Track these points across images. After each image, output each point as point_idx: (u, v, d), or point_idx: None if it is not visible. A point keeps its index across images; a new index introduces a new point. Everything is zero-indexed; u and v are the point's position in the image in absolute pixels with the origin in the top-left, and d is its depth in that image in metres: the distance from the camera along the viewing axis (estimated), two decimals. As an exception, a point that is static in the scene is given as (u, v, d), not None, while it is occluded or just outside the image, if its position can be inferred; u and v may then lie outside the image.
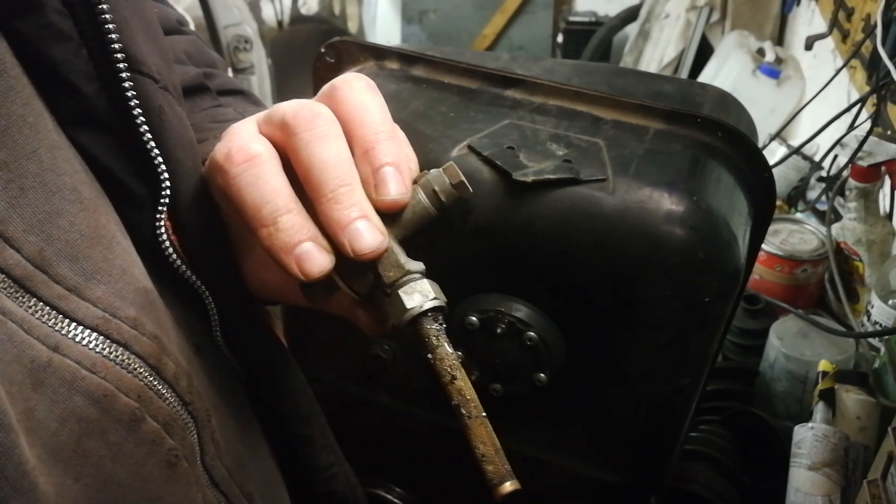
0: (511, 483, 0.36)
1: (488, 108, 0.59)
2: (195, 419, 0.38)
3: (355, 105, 0.40)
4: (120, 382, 0.33)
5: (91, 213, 0.35)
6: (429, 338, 0.38)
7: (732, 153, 0.56)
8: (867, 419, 0.80)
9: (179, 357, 0.38)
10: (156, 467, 0.35)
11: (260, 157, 0.38)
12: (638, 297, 0.52)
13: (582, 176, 0.51)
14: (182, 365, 0.38)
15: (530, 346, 0.55)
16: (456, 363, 0.38)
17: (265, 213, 0.37)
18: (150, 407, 0.35)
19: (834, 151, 1.23)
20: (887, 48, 1.12)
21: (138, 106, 0.37)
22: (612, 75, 0.67)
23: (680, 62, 2.45)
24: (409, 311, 0.38)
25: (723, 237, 0.51)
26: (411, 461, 0.71)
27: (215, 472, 0.41)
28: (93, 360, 0.32)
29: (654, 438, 0.61)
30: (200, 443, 0.39)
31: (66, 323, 0.32)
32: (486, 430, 0.37)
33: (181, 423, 0.37)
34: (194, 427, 0.38)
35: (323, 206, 0.38)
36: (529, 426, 0.63)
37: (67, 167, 0.35)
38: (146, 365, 0.35)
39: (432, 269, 0.57)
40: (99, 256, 0.35)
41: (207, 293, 0.43)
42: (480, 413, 0.37)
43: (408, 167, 0.40)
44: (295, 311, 0.68)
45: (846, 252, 1.13)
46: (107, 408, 0.33)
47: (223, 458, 0.42)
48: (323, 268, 0.38)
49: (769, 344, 1.01)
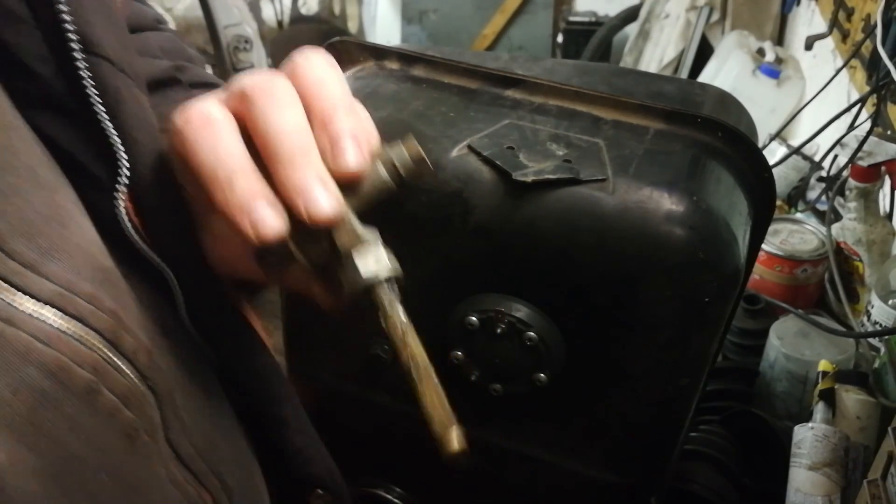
0: (458, 443, 0.37)
1: (488, 109, 0.59)
2: (156, 394, 0.38)
3: (314, 79, 0.40)
4: (75, 355, 0.33)
5: (48, 193, 0.35)
6: (382, 305, 0.39)
7: (732, 153, 0.56)
8: (867, 419, 0.80)
9: (139, 333, 0.38)
10: (114, 439, 0.35)
11: (218, 122, 0.38)
12: (638, 297, 0.52)
13: (582, 176, 0.51)
14: (142, 340, 0.38)
15: (530, 346, 0.55)
16: (408, 330, 0.39)
17: (221, 174, 0.37)
18: (107, 380, 0.35)
19: (834, 151, 1.23)
20: (887, 48, 1.12)
21: (94, 87, 0.38)
22: (612, 75, 0.67)
23: (680, 62, 2.45)
24: (364, 279, 0.39)
25: (723, 237, 0.51)
26: (411, 461, 0.71)
27: (181, 448, 0.41)
28: (47, 334, 0.32)
29: (654, 438, 0.61)
30: (163, 418, 0.39)
31: (20, 297, 0.32)
32: (436, 393, 0.38)
33: (140, 397, 0.37)
34: (155, 402, 0.38)
35: (279, 171, 0.37)
36: (529, 426, 0.63)
37: (23, 147, 0.35)
38: (103, 339, 0.35)
39: (432, 269, 0.57)
40: (55, 234, 0.35)
41: (171, 274, 0.43)
42: (431, 377, 0.38)
43: (367, 140, 0.40)
44: (294, 311, 0.68)
45: (846, 252, 1.13)
46: (62, 380, 0.33)
47: (190, 437, 0.42)
48: (277, 231, 0.37)
49: (769, 344, 1.01)
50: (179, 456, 0.41)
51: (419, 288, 0.58)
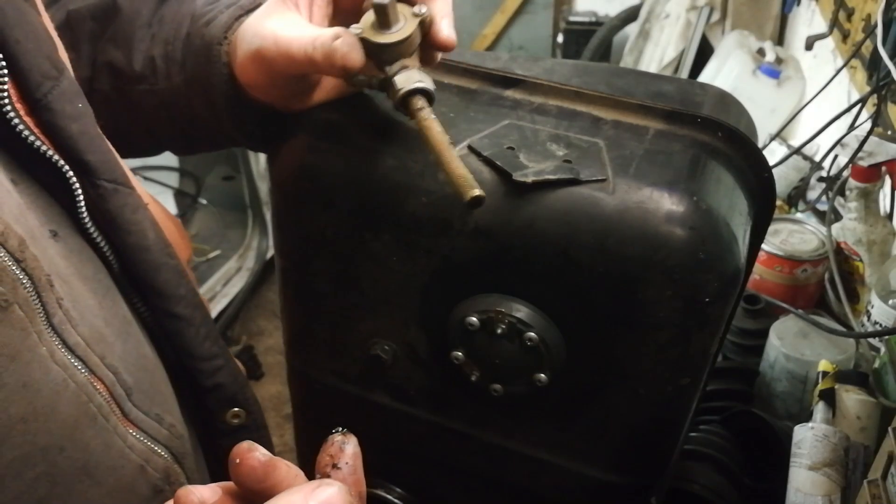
0: (477, 190, 0.46)
1: (488, 109, 0.59)
2: (31, 278, 0.41)
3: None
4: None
5: None
6: (413, 107, 0.50)
7: (733, 153, 0.56)
8: (867, 419, 0.80)
9: (13, 224, 0.40)
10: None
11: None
12: (638, 297, 0.52)
13: (582, 176, 0.51)
14: (13, 229, 0.40)
15: (530, 347, 0.55)
16: (432, 121, 0.49)
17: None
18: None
19: (834, 151, 1.23)
20: (887, 48, 1.12)
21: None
22: (612, 75, 0.67)
23: (680, 62, 2.45)
24: (399, 90, 0.50)
25: (723, 237, 0.51)
26: (411, 461, 0.71)
27: (67, 336, 0.43)
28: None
29: (655, 438, 0.61)
30: (43, 303, 0.42)
31: None
32: (455, 160, 0.48)
33: (11, 275, 0.39)
34: (31, 286, 0.41)
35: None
36: (529, 426, 0.63)
37: None
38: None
39: (433, 269, 0.57)
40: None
41: (69, 170, 0.47)
42: (451, 149, 0.48)
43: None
44: (294, 311, 0.68)
45: (846, 252, 1.13)
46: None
47: (77, 327, 0.44)
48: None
49: (769, 344, 1.01)
50: (66, 342, 0.43)
51: (420, 288, 0.59)
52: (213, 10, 0.59)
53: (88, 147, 0.48)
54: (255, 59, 0.54)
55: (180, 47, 0.60)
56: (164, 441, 0.50)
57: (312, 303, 0.65)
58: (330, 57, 0.49)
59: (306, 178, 0.58)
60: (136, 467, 0.48)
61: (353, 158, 0.57)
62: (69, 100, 0.47)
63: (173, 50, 0.60)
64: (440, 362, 0.61)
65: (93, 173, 0.48)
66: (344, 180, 0.57)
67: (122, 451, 0.47)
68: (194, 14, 0.60)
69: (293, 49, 0.51)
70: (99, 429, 0.45)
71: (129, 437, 0.47)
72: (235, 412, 0.57)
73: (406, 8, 0.51)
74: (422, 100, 0.50)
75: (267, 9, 0.55)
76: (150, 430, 0.49)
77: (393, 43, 0.50)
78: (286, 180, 0.60)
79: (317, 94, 0.58)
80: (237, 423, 0.57)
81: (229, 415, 0.57)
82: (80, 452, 0.43)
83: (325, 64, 0.50)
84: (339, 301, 0.63)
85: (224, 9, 0.59)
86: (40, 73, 0.45)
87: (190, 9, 0.61)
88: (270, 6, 0.55)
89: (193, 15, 0.60)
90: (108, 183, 0.49)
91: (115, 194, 0.49)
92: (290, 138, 0.59)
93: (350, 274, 0.61)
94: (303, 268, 0.64)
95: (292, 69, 0.53)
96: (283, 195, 0.61)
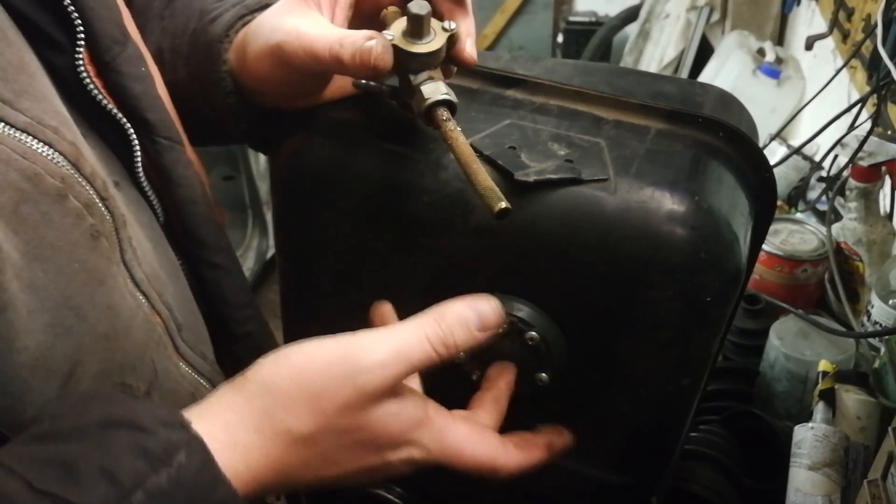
0: (504, 202, 0.46)
1: (489, 108, 0.59)
2: (112, 215, 0.45)
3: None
4: (46, 167, 0.41)
5: (16, 51, 0.43)
6: (437, 118, 0.51)
7: (733, 153, 0.56)
8: (867, 419, 0.80)
9: (96, 166, 0.45)
10: (80, 237, 0.42)
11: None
12: (639, 296, 0.52)
13: (583, 176, 0.51)
14: (98, 171, 0.45)
15: (531, 346, 0.55)
16: (457, 132, 0.50)
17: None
18: (73, 189, 0.42)
19: (834, 151, 1.23)
20: (888, 48, 1.12)
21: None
22: (613, 75, 0.67)
23: (680, 62, 2.45)
24: (427, 100, 0.51)
25: (724, 237, 0.51)
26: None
27: (135, 272, 0.47)
28: (24, 150, 0.40)
29: (655, 438, 0.61)
30: (119, 239, 0.46)
31: (1, 125, 0.40)
32: (481, 172, 0.48)
33: (99, 210, 0.44)
34: (112, 222, 0.45)
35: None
36: (530, 426, 0.63)
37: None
38: (67, 161, 0.42)
39: (434, 269, 0.57)
40: (25, 82, 0.42)
41: (130, 128, 0.51)
42: (477, 162, 0.49)
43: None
44: (294, 311, 0.68)
45: (846, 252, 1.13)
46: (37, 184, 0.40)
47: (142, 266, 0.48)
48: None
49: (769, 344, 1.01)
50: (133, 277, 0.47)
51: (421, 288, 0.59)
52: (220, 8, 0.60)
53: (150, 106, 0.52)
54: (274, 54, 0.55)
55: (186, 42, 0.61)
56: (208, 375, 0.55)
57: (313, 302, 0.65)
58: (363, 56, 0.51)
59: (308, 177, 0.58)
60: (188, 394, 0.52)
61: (355, 157, 0.57)
62: (134, 63, 0.51)
63: (180, 44, 0.61)
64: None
65: (152, 130, 0.52)
66: (345, 179, 0.57)
67: (177, 378, 0.51)
68: (203, 10, 0.61)
69: (317, 46, 0.52)
70: (161, 355, 0.50)
71: (181, 367, 0.52)
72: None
73: (436, 22, 0.52)
74: (447, 111, 0.51)
75: (287, 6, 0.56)
76: (196, 364, 0.54)
77: (424, 53, 0.51)
78: (288, 179, 0.60)
79: (324, 93, 0.59)
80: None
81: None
82: (148, 373, 0.48)
83: (354, 63, 0.51)
84: (340, 300, 0.63)
85: (230, 7, 0.60)
86: (110, 39, 0.50)
87: (200, 4, 0.62)
88: (290, 3, 0.55)
89: (202, 10, 0.61)
90: (165, 140, 0.53)
91: (170, 150, 0.53)
92: (291, 136, 0.59)
93: (351, 273, 0.61)
94: (304, 267, 0.64)
95: (313, 66, 0.53)
96: (285, 194, 0.61)
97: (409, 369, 0.46)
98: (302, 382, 0.44)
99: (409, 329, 0.47)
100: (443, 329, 0.47)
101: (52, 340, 0.41)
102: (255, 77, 0.57)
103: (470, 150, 0.49)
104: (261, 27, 0.57)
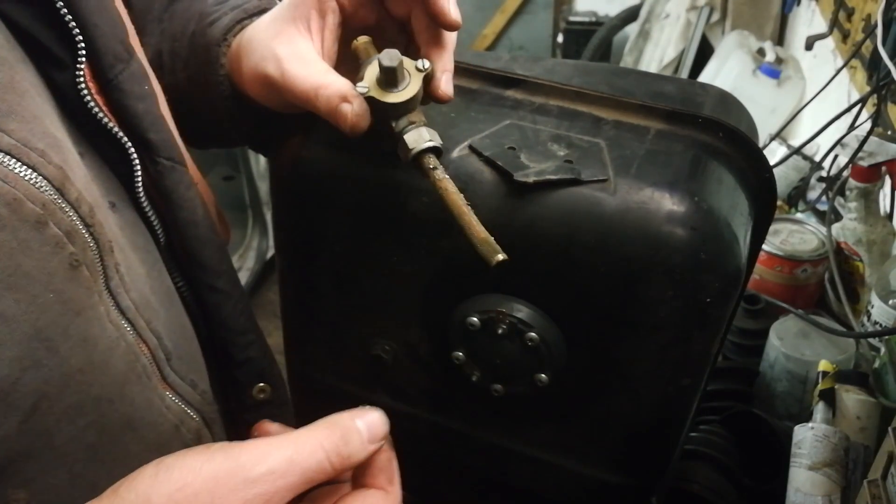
0: (501, 254, 0.47)
1: (489, 109, 0.59)
2: (97, 243, 0.44)
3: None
4: (27, 192, 0.39)
5: (7, 69, 0.41)
6: (425, 166, 0.50)
7: (733, 153, 0.56)
8: (867, 419, 0.80)
9: (83, 192, 0.43)
10: (58, 265, 0.41)
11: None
12: (639, 297, 0.52)
13: (583, 176, 0.51)
14: (84, 197, 0.43)
15: (531, 347, 0.55)
16: (447, 181, 0.49)
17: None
18: (54, 216, 0.41)
19: (834, 151, 1.23)
20: (888, 48, 1.12)
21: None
22: (613, 75, 0.67)
23: (680, 62, 2.45)
24: (411, 149, 0.50)
25: (724, 237, 0.51)
26: (411, 461, 0.71)
27: (121, 298, 0.46)
28: (5, 174, 0.38)
29: (655, 438, 0.61)
30: (104, 267, 0.44)
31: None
32: (474, 222, 0.48)
33: (82, 238, 0.42)
34: (96, 249, 0.44)
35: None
36: (530, 426, 0.63)
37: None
38: (51, 186, 0.41)
39: (434, 269, 0.57)
40: (14, 101, 0.41)
41: (131, 147, 0.50)
42: (469, 212, 0.49)
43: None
44: (294, 311, 0.68)
45: (846, 252, 1.13)
46: (16, 210, 0.38)
47: (129, 292, 0.47)
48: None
49: (769, 344, 1.01)
50: (119, 305, 0.46)
51: (421, 289, 0.59)
52: (219, 11, 0.60)
53: (151, 126, 0.51)
54: (264, 83, 0.55)
55: (186, 44, 0.61)
56: (196, 405, 0.53)
57: (313, 302, 0.65)
58: (337, 119, 0.51)
59: (308, 178, 0.58)
60: (171, 426, 0.50)
61: (355, 158, 0.57)
62: (137, 81, 0.50)
63: (179, 46, 0.61)
64: (441, 362, 0.61)
65: (154, 150, 0.51)
66: (345, 180, 0.57)
67: (161, 410, 0.50)
68: (202, 12, 0.61)
69: (297, 90, 0.52)
70: (143, 387, 0.48)
71: (167, 398, 0.50)
72: (262, 387, 0.59)
73: (410, 62, 0.51)
74: (433, 158, 0.50)
75: (276, 27, 0.55)
76: (185, 393, 0.52)
77: (401, 102, 0.50)
78: (288, 180, 0.60)
79: None
80: (263, 397, 0.59)
81: (256, 389, 0.59)
82: (127, 406, 0.46)
83: (330, 118, 0.52)
84: (340, 301, 0.63)
85: (229, 10, 0.60)
86: (113, 56, 0.49)
87: (199, 7, 0.62)
88: (279, 25, 0.55)
89: (201, 13, 0.61)
90: (167, 160, 0.52)
91: (172, 171, 0.52)
92: (291, 138, 0.59)
93: (351, 274, 0.61)
94: (304, 267, 0.64)
95: (297, 103, 0.54)
96: (285, 194, 0.61)
97: (302, 481, 0.41)
98: (181, 501, 0.39)
99: (302, 437, 0.43)
100: (337, 438, 0.44)
101: (17, 374, 0.39)
102: (250, 90, 0.58)
103: (461, 199, 0.49)
104: (252, 45, 0.56)
